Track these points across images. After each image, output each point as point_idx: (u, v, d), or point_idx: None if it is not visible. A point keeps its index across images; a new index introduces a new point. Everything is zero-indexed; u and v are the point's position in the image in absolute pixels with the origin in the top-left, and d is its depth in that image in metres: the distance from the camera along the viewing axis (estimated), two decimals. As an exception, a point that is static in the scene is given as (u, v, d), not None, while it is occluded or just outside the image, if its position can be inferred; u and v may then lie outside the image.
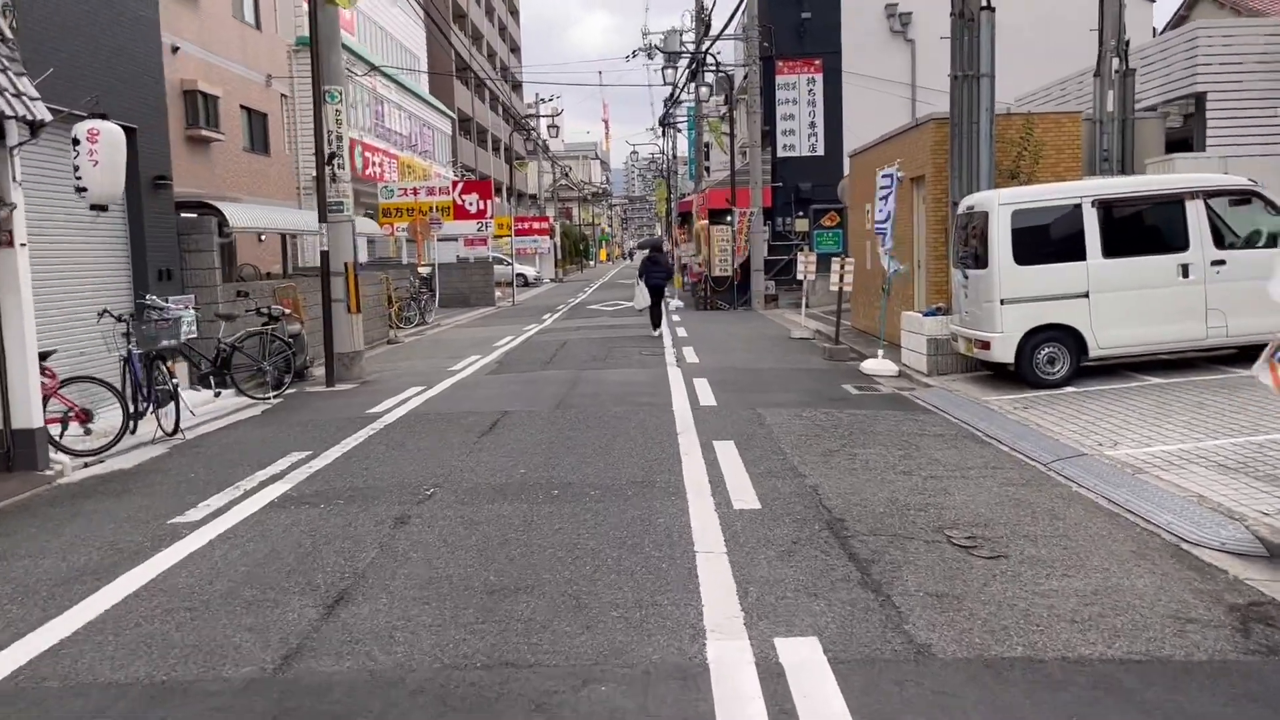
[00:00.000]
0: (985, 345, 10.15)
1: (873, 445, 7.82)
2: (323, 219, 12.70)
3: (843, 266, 14.27)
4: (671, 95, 34.93)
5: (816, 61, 25.51)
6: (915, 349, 11.91)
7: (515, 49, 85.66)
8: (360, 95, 37.91)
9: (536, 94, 54.00)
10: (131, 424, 9.31)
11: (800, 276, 17.44)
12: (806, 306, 19.50)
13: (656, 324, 19.34)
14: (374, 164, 37.73)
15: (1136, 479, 6.38)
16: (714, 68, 25.90)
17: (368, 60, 37.50)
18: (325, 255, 12.77)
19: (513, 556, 5.15)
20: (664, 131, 42.98)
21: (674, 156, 53.69)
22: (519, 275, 47.63)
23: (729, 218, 25.71)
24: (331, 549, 5.36)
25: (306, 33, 34.94)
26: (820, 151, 25.64)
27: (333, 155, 12.68)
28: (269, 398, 11.32)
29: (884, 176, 12.61)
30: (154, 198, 11.66)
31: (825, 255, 25.64)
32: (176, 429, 9.00)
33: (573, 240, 74.27)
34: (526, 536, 5.50)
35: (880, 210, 12.58)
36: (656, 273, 19.58)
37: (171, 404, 9.02)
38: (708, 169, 37.66)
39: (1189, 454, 6.87)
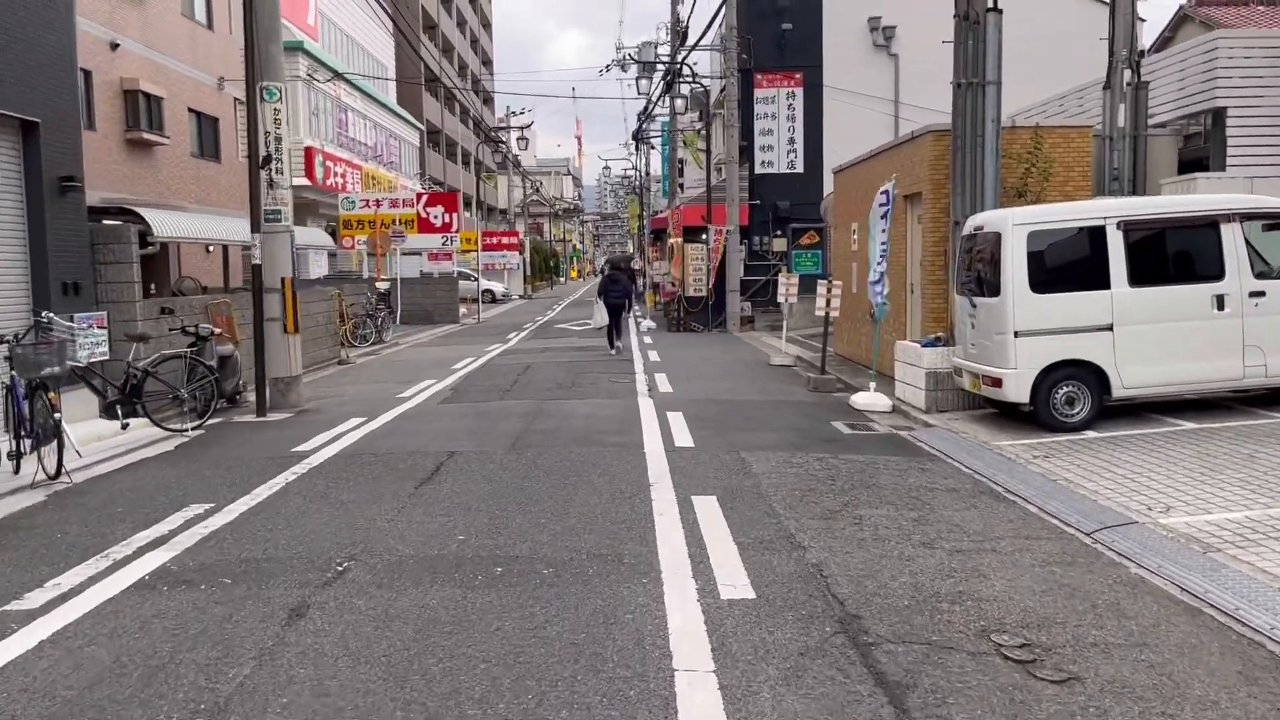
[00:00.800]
0: (996, 382, 9.03)
1: (879, 504, 6.64)
2: (256, 228, 11.39)
3: (829, 290, 13.15)
4: (645, 109, 33.89)
5: (797, 75, 24.54)
6: (912, 382, 10.79)
7: (487, 62, 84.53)
8: (323, 103, 36.54)
9: (508, 107, 52.76)
10: (15, 464, 7.98)
11: (781, 299, 16.33)
12: (786, 331, 18.37)
13: (613, 342, 19.02)
14: (335, 174, 36.34)
15: (1208, 559, 5.23)
16: (690, 79, 24.87)
17: (330, 66, 36.17)
18: (258, 270, 11.45)
19: (432, 676, 3.90)
20: (637, 146, 41.94)
21: (647, 173, 52.68)
22: (486, 291, 46.35)
23: (704, 235, 24.61)
24: (195, 660, 4.07)
25: (266, 36, 33.64)
26: (799, 169, 24.64)
27: (268, 158, 11.38)
28: (187, 429, 9.98)
29: (882, 194, 11.52)
30: (59, 202, 10.32)
31: (805, 277, 24.64)
32: (59, 471, 7.65)
33: (543, 256, 73.03)
34: (454, 641, 4.24)
35: (879, 232, 11.47)
36: (615, 291, 19.38)
37: (55, 441, 7.67)
38: (681, 186, 36.62)
39: (1260, 525, 5.74)
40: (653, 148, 52.13)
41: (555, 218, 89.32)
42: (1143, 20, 23.90)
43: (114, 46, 19.54)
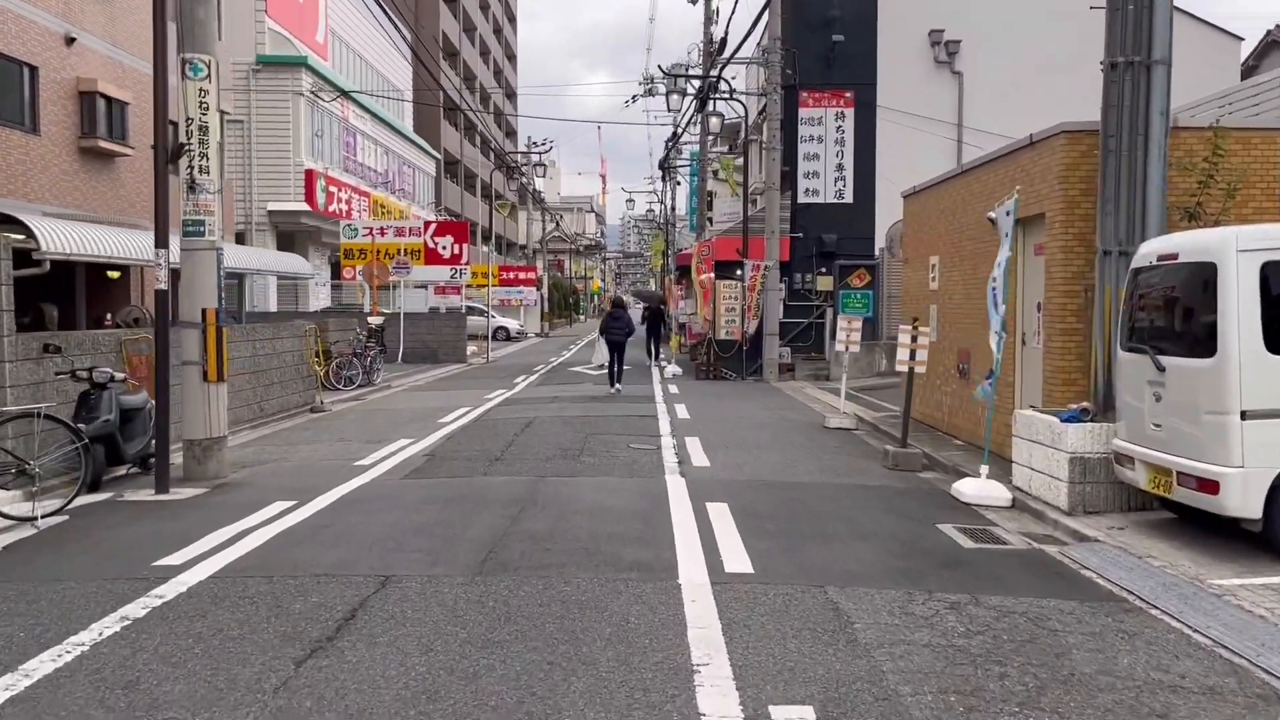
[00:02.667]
0: (1205, 485, 6.05)
1: (1113, 736, 3.67)
2: (162, 243, 8.59)
3: (915, 334, 10.20)
4: (673, 135, 31.28)
5: (847, 93, 21.80)
6: (1043, 469, 7.82)
7: (511, 95, 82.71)
8: (327, 123, 34.15)
9: (529, 137, 50.44)
10: None
11: (839, 347, 13.40)
12: (834, 383, 15.40)
13: (613, 382, 18.23)
14: (339, 200, 33.85)
15: None
16: (726, 94, 22.18)
17: (336, 84, 33.82)
18: (162, 296, 8.64)
19: None
20: (664, 177, 39.29)
21: (672, 207, 50.09)
22: (500, 328, 43.70)
23: (739, 271, 21.77)
24: None
25: (269, 50, 31.39)
26: (848, 198, 21.81)
27: (179, 149, 8.62)
28: (35, 518, 7.11)
29: (1004, 213, 8.62)
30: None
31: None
32: None
33: (562, 293, 70.51)
34: None
35: (997, 264, 8.56)
36: (616, 328, 18.79)
37: None
38: (710, 220, 33.92)
39: None
40: (679, 182, 49.61)
41: (576, 254, 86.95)
42: None
43: (69, 41, 17.04)
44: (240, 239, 27.49)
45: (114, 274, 19.05)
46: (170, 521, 7.25)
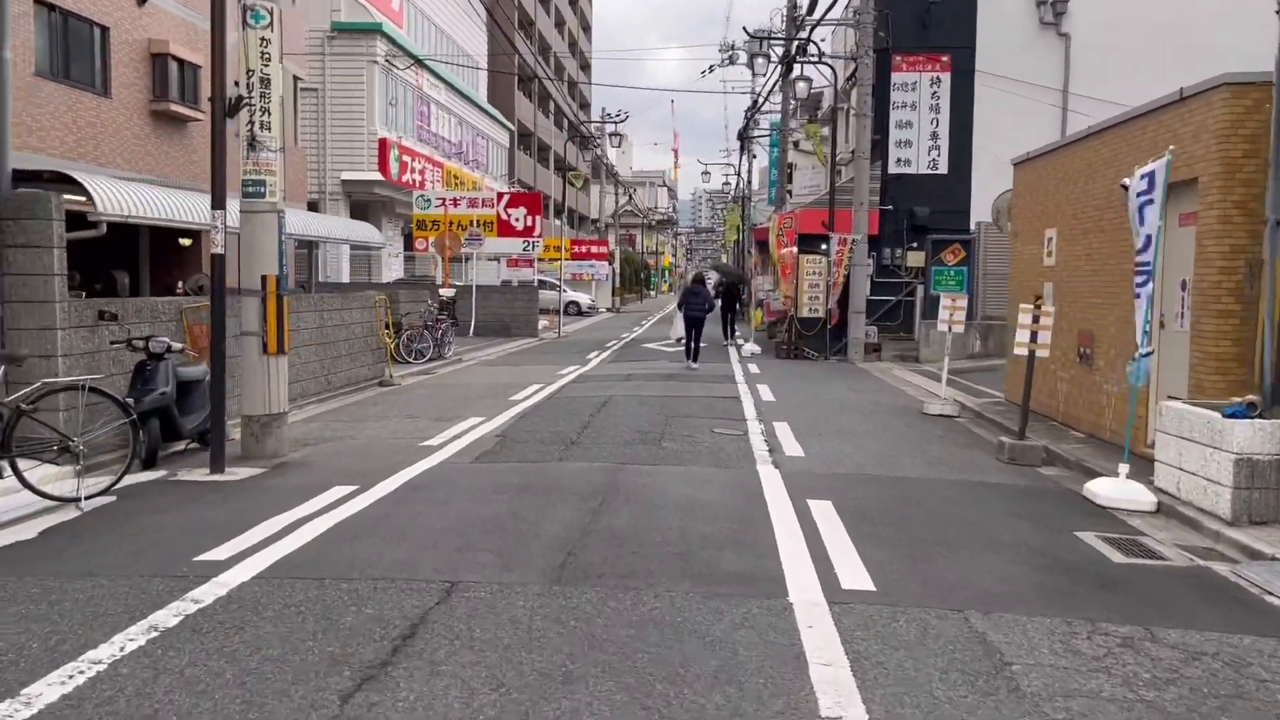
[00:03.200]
0: None
1: None
2: (219, 204, 7.97)
3: (1038, 314, 9.15)
4: (754, 103, 30.12)
5: (943, 58, 20.49)
6: (1198, 471, 6.80)
7: (585, 66, 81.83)
8: (402, 92, 33.73)
9: (604, 109, 49.56)
10: None
11: (943, 327, 12.36)
12: (926, 364, 14.35)
13: (690, 357, 18.06)
14: (413, 170, 33.46)
15: None
16: (815, 58, 21.00)
17: (411, 52, 33.35)
18: (219, 262, 8.04)
19: None
20: (742, 148, 38.09)
21: (749, 180, 48.85)
22: (572, 303, 43.09)
23: (824, 246, 20.71)
24: None
25: (344, 18, 31.00)
26: (942, 169, 20.55)
27: (238, 102, 7.98)
28: (78, 499, 6.57)
29: (1142, 179, 7.55)
30: (-76, 151, 7.09)
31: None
32: None
33: (634, 268, 69.70)
34: None
35: (1139, 234, 7.50)
36: (695, 304, 18.43)
37: None
38: (789, 193, 32.73)
39: None
40: (754, 155, 48.31)
41: (648, 229, 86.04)
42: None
43: (141, 1, 16.66)
44: (313, 208, 27.20)
45: (186, 241, 18.79)
46: (220, 507, 6.65)
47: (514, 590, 4.83)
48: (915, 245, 20.76)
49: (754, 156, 58.66)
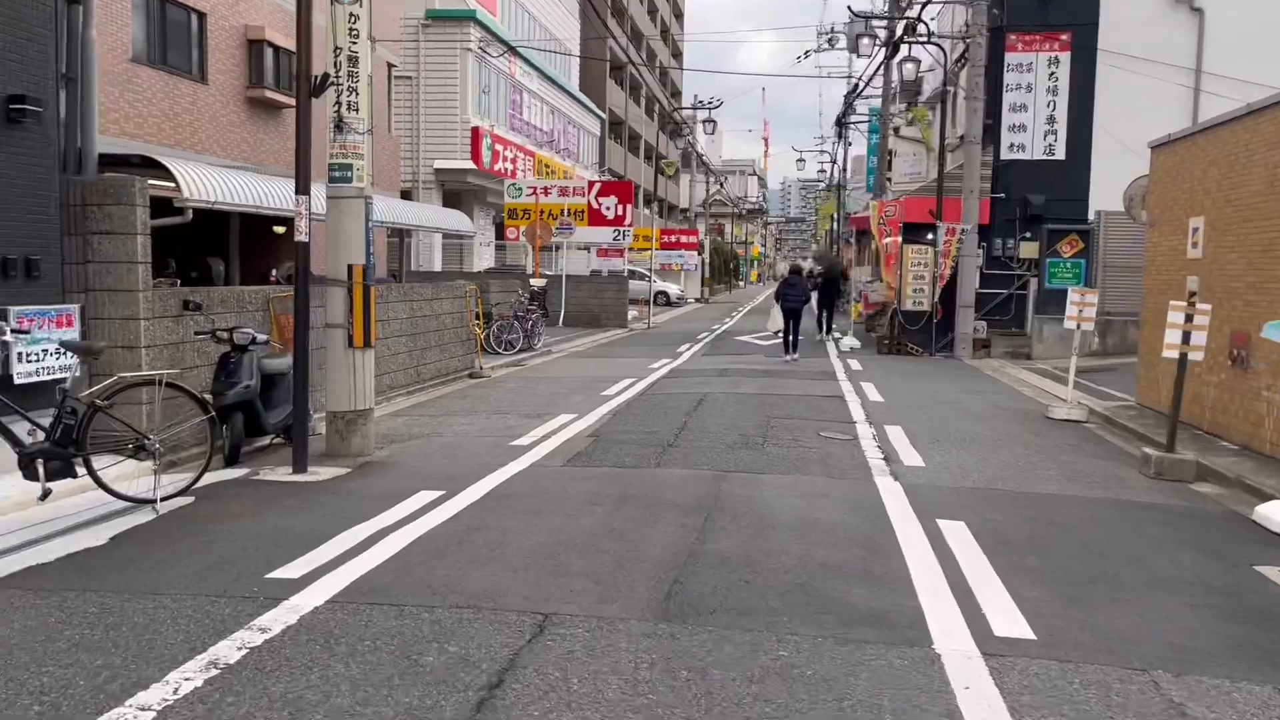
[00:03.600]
0: None
1: None
2: (303, 189, 7.56)
3: (1191, 310, 8.19)
4: (854, 88, 29.02)
5: (1063, 36, 19.22)
6: (1401, 499, 5.85)
7: (677, 54, 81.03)
8: (495, 80, 33.54)
9: (695, 95, 48.79)
10: None
11: (1070, 324, 11.36)
12: (1029, 359, 13.34)
13: (790, 348, 17.73)
14: (505, 159, 33.26)
15: None
16: (924, 37, 19.92)
17: (505, 40, 33.11)
18: (303, 250, 7.63)
19: None
20: (839, 134, 36.92)
21: (845, 167, 47.55)
22: (660, 293, 42.54)
23: (930, 235, 19.68)
24: None
25: (438, 4, 30.91)
26: (1059, 154, 19.31)
27: (324, 81, 7.55)
28: (154, 500, 6.21)
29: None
30: (5, 134, 6.81)
31: (1057, 292, 19.34)
32: None
33: (723, 258, 68.80)
34: None
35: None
36: (792, 295, 18.28)
37: None
38: (888, 180, 31.51)
39: None
40: (850, 143, 46.94)
41: (738, 219, 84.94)
42: None
43: (237, -12, 16.58)
44: (406, 197, 27.16)
45: (279, 228, 18.76)
46: (299, 513, 6.22)
47: (615, 627, 4.24)
48: (1028, 235, 19.59)
49: (849, 144, 57.16)
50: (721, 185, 66.23)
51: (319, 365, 8.87)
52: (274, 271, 17.43)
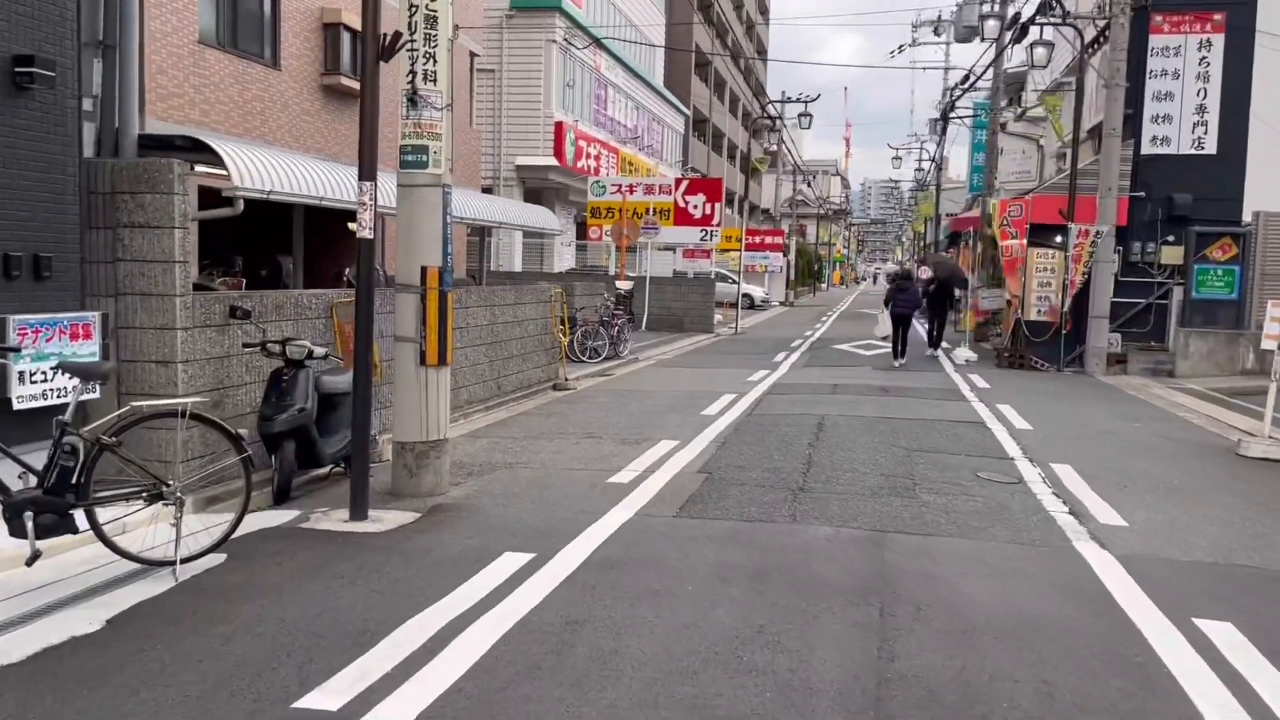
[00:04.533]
0: None
1: None
2: (368, 175, 6.22)
3: None
4: (966, 79, 27.03)
5: (1216, 16, 17.15)
6: None
7: (762, 52, 79.16)
8: (579, 74, 32.30)
9: (783, 91, 46.99)
10: None
11: (1271, 344, 9.50)
12: (1172, 376, 11.47)
13: (897, 355, 17.65)
14: (588, 155, 32.00)
15: None
16: (1058, 18, 17.96)
17: (590, 32, 31.86)
18: (366, 247, 6.30)
19: None
20: (943, 129, 34.79)
21: (939, 164, 45.26)
22: (744, 295, 40.93)
23: (1058, 238, 17.77)
24: None
25: (521, -7, 29.68)
26: (1209, 148, 17.23)
27: (398, 39, 6.21)
28: (174, 562, 4.93)
29: None
30: (10, 102, 5.60)
31: (1205, 302, 17.30)
32: None
33: (806, 260, 66.73)
34: None
35: None
36: (903, 299, 17.94)
37: None
38: (995, 180, 29.38)
39: None
40: (938, 144, 44.53)
41: (821, 219, 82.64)
42: None
43: (312, -32, 15.50)
44: (487, 194, 26.06)
45: (354, 225, 17.68)
46: (354, 586, 4.86)
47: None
48: (1171, 239, 17.54)
49: (948, 142, 54.63)
50: (810, 184, 64.22)
51: (390, 380, 7.58)
52: (346, 271, 16.33)
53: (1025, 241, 17.86)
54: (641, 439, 9.32)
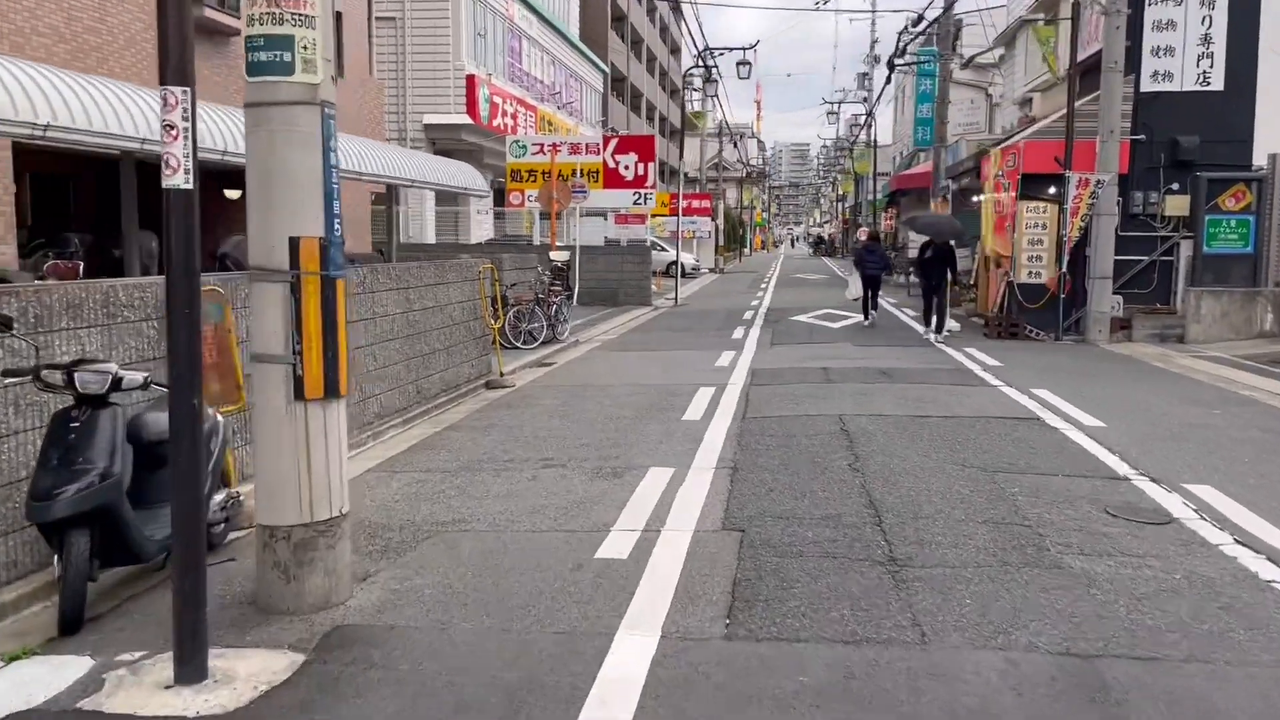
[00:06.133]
0: None
1: None
2: (178, 78, 3.52)
3: None
4: (918, 20, 24.85)
5: (1223, -64, 15.19)
6: None
7: (676, 8, 76.19)
8: (491, 23, 29.26)
9: (702, 46, 44.45)
10: None
11: None
12: (1182, 342, 9.50)
13: (868, 314, 17.63)
14: (504, 113, 29.03)
15: None
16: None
17: (501, -26, 28.79)
18: (179, 204, 3.60)
19: None
20: (889, 76, 32.60)
21: (866, 127, 43.37)
22: (673, 264, 38.62)
23: (1050, 189, 15.73)
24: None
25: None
26: (1216, 84, 15.31)
27: None
28: None
29: None
30: None
31: (1218, 257, 15.48)
32: None
33: (731, 225, 64.62)
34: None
35: None
36: (872, 261, 17.95)
37: None
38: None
39: None
40: (866, 98, 42.60)
41: (743, 183, 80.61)
42: None
43: None
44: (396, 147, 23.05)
45: (233, 193, 14.70)
46: None
47: None
48: (1176, 187, 15.62)
49: (866, 99, 52.85)
50: (735, 144, 61.96)
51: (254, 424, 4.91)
52: (222, 250, 13.36)
53: (1016, 194, 15.75)
54: (621, 466, 6.84)
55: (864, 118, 41.29)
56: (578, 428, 8.39)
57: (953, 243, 16.01)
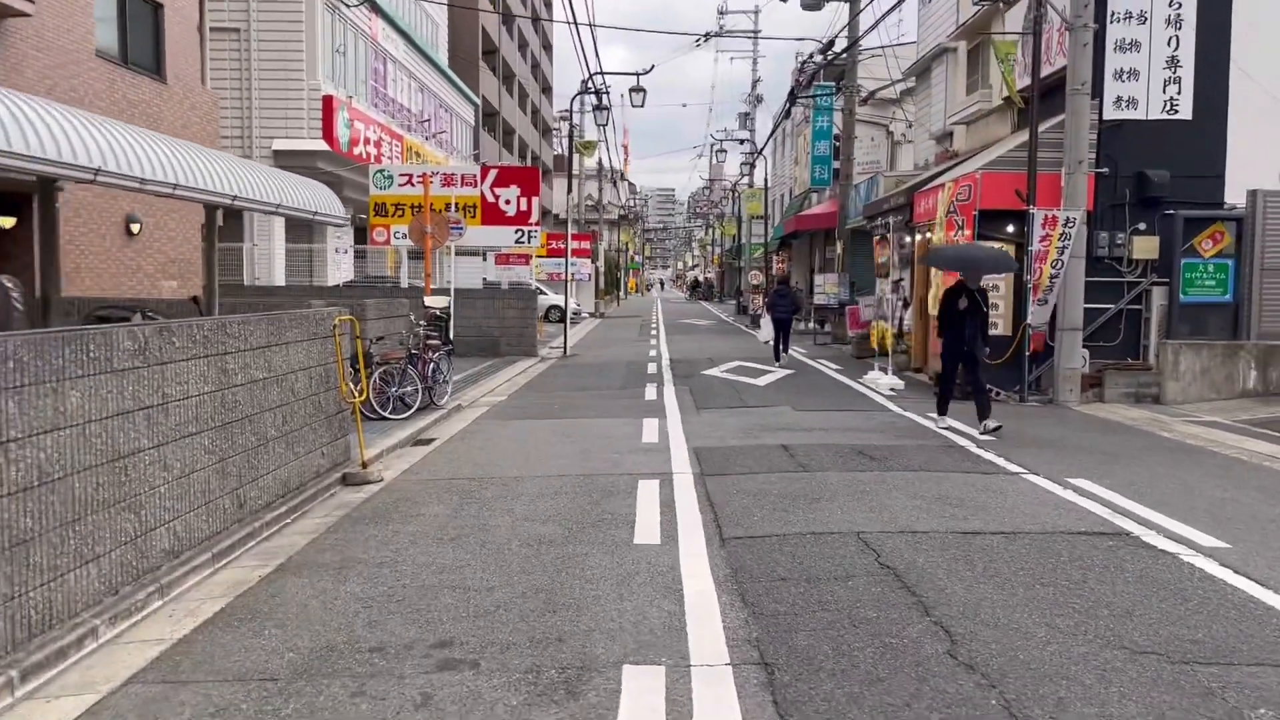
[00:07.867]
0: None
1: None
2: None
3: None
4: (827, 47, 22.98)
5: (1187, -54, 13.63)
6: None
7: (547, 46, 74.18)
8: (354, 41, 26.12)
9: (583, 80, 42.23)
10: None
11: None
12: (1158, 402, 7.45)
13: (778, 356, 18.01)
14: (367, 141, 25.84)
15: None
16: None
17: (364, -14, 25.72)
18: None
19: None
20: (788, 112, 30.84)
21: (752, 167, 41.88)
22: (554, 308, 35.91)
23: (1009, 228, 13.76)
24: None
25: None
26: (1184, 112, 13.64)
27: None
28: None
29: None
30: None
31: (1195, 306, 13.75)
32: None
33: (609, 267, 62.41)
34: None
35: None
36: (782, 305, 18.52)
37: None
38: (835, 173, 25.71)
39: None
40: (747, 139, 41.11)
41: (616, 224, 78.68)
42: None
43: None
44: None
45: (6, 221, 11.22)
46: None
47: None
48: (1143, 227, 13.87)
49: (747, 140, 51.79)
50: (616, 184, 59.91)
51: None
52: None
53: (973, 233, 13.70)
54: (573, 665, 4.03)
55: (754, 157, 39.58)
56: (484, 566, 5.50)
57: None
